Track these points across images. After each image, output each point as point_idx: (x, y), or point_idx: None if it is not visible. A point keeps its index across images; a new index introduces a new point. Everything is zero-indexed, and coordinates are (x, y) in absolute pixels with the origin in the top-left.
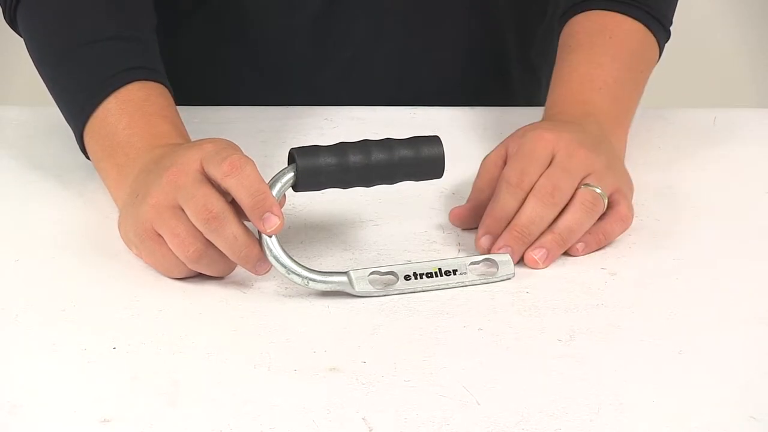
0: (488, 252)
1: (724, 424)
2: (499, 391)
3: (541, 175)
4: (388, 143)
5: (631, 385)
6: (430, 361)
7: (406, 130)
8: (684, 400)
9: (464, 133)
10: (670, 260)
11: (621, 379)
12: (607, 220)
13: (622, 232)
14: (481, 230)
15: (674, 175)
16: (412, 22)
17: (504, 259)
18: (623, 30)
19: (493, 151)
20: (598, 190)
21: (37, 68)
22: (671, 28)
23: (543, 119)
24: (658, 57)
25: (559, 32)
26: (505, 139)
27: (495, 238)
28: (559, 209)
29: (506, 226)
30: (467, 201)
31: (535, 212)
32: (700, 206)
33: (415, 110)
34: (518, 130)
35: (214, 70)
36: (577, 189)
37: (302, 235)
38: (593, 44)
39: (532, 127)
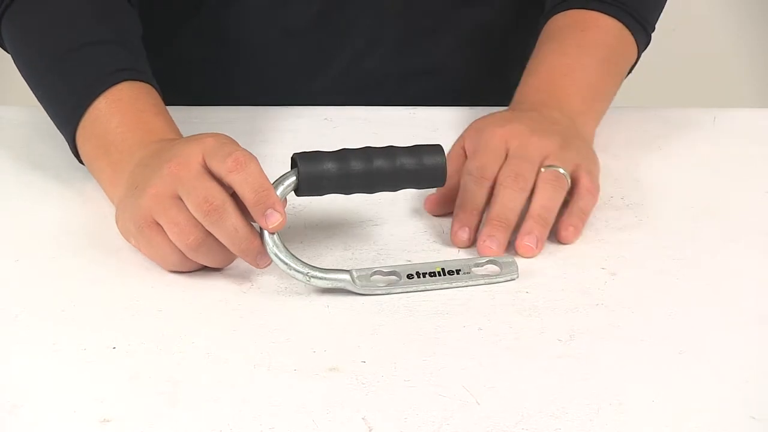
0: (468, 244)
1: (724, 424)
2: (499, 391)
3: (501, 167)
4: (390, 151)
5: (631, 385)
6: (430, 361)
7: (406, 130)
8: (684, 400)
9: None
10: (670, 260)
11: (621, 379)
12: (576, 197)
13: (594, 204)
14: (455, 225)
15: (674, 175)
16: (410, 25)
17: (507, 260)
18: (598, 25)
19: (453, 146)
20: (560, 170)
21: (25, 78)
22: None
23: (509, 108)
24: (636, 55)
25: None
26: (462, 134)
27: (471, 230)
28: (527, 194)
29: (478, 216)
30: (437, 189)
31: (506, 198)
32: (700, 206)
33: (415, 110)
34: (474, 123)
35: (212, 72)
36: (537, 173)
37: (302, 235)
38: (564, 37)
39: (485, 123)
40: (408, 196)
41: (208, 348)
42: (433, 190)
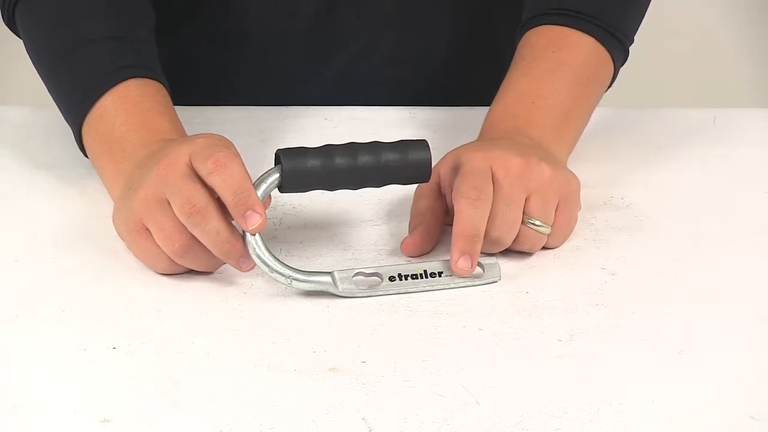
0: (471, 273)
1: (724, 424)
2: (499, 391)
3: (493, 190)
4: (375, 146)
5: (631, 385)
6: (430, 361)
7: (406, 130)
8: (684, 400)
9: (463, 133)
10: (670, 260)
11: (621, 379)
12: (557, 223)
13: (573, 224)
14: (455, 253)
15: (674, 175)
16: (409, 27)
17: (490, 262)
18: (570, 43)
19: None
20: (542, 229)
21: (36, 68)
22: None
23: (477, 138)
24: (612, 72)
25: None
26: (435, 166)
27: (473, 258)
28: (521, 208)
29: (480, 243)
30: (413, 228)
31: (506, 218)
32: (700, 206)
33: (415, 110)
34: (447, 156)
35: (212, 71)
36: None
37: (301, 235)
38: (535, 59)
39: (460, 150)
40: (408, 197)
41: (208, 348)
42: (406, 233)
